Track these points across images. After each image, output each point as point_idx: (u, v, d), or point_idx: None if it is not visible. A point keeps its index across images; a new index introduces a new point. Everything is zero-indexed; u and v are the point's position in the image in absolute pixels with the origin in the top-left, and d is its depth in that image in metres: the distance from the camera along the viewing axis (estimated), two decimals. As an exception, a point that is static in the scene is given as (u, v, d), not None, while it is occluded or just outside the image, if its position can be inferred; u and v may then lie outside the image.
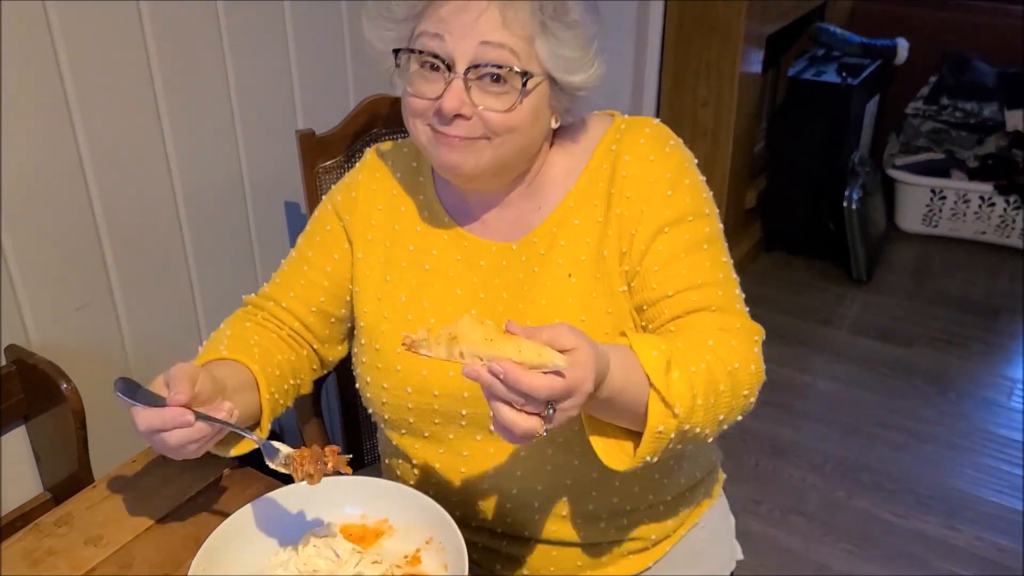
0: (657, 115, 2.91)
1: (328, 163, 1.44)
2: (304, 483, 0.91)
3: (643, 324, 1.04)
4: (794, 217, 3.30)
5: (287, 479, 1.08)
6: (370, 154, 1.18)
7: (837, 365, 2.78)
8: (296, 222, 1.78)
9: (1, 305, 1.30)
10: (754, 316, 1.05)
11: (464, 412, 1.05)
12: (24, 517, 1.32)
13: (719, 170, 2.89)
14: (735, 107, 2.80)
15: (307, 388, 1.18)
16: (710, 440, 0.97)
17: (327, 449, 0.92)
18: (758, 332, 1.04)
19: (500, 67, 0.93)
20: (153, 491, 1.10)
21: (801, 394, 2.62)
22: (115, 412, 1.49)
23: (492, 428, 0.79)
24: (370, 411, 1.14)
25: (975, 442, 2.44)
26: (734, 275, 1.06)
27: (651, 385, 0.86)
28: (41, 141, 1.30)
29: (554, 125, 1.03)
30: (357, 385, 1.14)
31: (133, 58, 1.40)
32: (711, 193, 1.07)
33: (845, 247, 3.16)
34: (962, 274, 3.29)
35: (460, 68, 0.93)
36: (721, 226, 1.07)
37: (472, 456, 1.07)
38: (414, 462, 1.11)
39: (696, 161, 1.07)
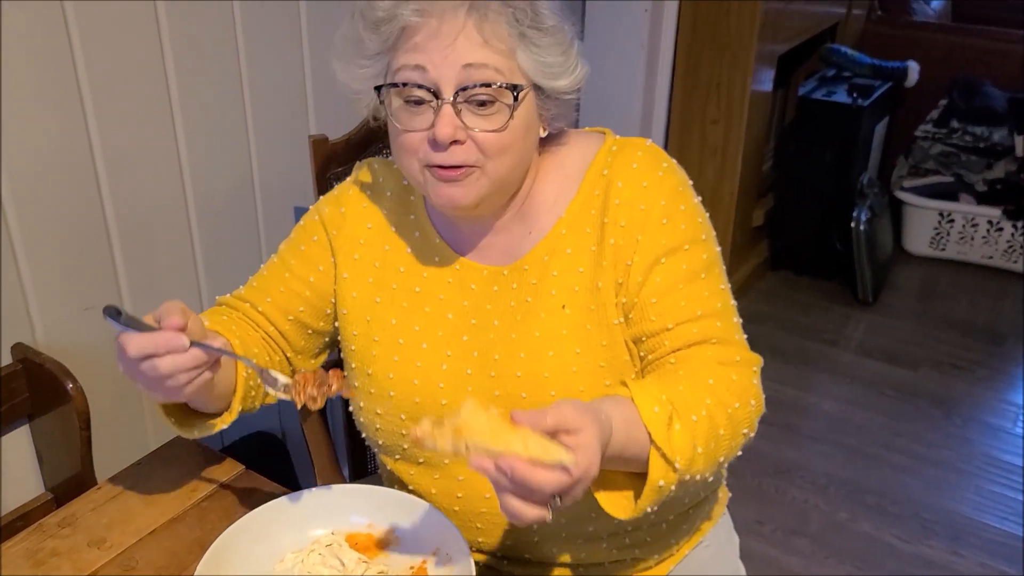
0: (667, 132, 2.91)
1: (340, 169, 1.44)
2: (311, 490, 0.90)
3: (642, 354, 1.02)
4: (801, 237, 3.29)
5: (294, 485, 1.08)
6: (361, 170, 1.15)
7: (842, 386, 2.76)
8: (305, 228, 1.78)
9: (8, 303, 1.30)
10: (760, 334, 1.03)
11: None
12: (25, 517, 1.31)
13: (727, 188, 2.89)
14: (745, 126, 2.81)
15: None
16: (709, 479, 0.96)
17: (331, 372, 0.91)
18: (756, 362, 1.03)
19: (488, 86, 0.91)
20: (158, 494, 1.09)
21: (805, 414, 2.60)
22: (119, 414, 1.49)
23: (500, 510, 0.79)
24: (363, 436, 1.12)
25: (979, 467, 2.42)
26: (732, 301, 1.04)
27: (652, 442, 0.87)
28: (55, 140, 1.30)
29: (543, 134, 1.01)
30: (350, 408, 1.12)
31: (148, 60, 1.40)
32: (707, 215, 1.05)
33: (852, 268, 3.15)
34: (968, 298, 3.28)
35: (448, 94, 0.91)
36: (718, 249, 1.04)
37: (468, 481, 1.05)
38: (410, 488, 1.09)
39: (691, 182, 1.05)
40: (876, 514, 2.25)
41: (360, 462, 1.53)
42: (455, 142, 0.92)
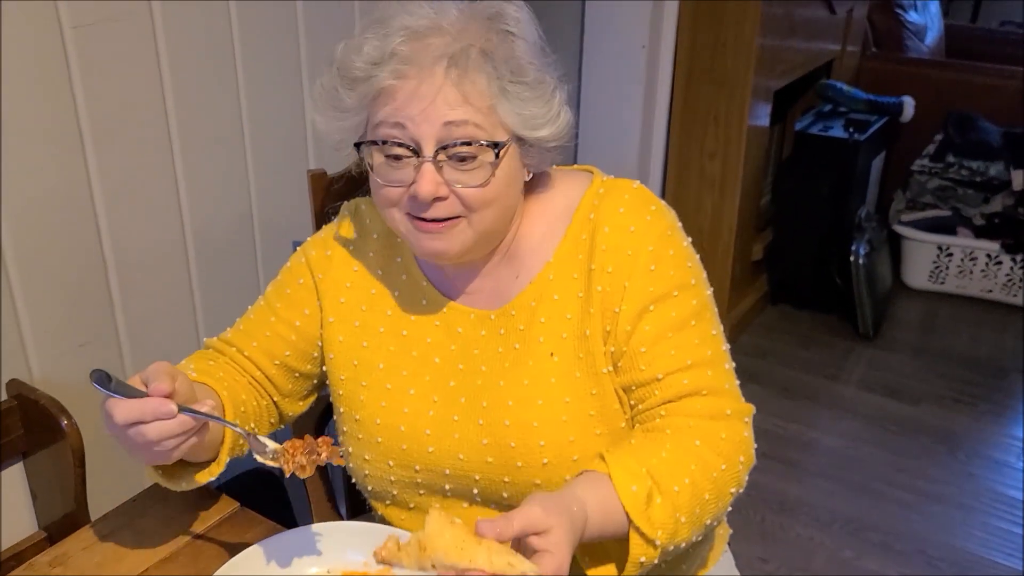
0: (665, 166, 2.93)
1: (339, 203, 1.43)
2: (308, 527, 0.89)
3: (632, 403, 1.01)
4: (801, 271, 3.29)
5: (290, 523, 1.06)
6: (348, 211, 1.13)
7: (844, 421, 2.74)
8: (304, 263, 1.77)
9: (4, 339, 1.28)
10: (761, 369, 1.02)
11: (448, 487, 1.03)
12: (17, 556, 1.29)
13: (726, 222, 2.90)
14: (743, 160, 2.82)
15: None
16: (699, 540, 0.97)
17: (320, 440, 0.90)
18: (747, 412, 1.01)
19: (469, 144, 0.90)
20: (152, 532, 1.07)
21: (808, 450, 2.58)
22: (114, 451, 1.46)
23: None
24: (353, 481, 1.11)
25: (984, 503, 2.39)
26: (724, 346, 1.02)
27: (631, 522, 0.88)
28: (54, 175, 1.30)
29: (527, 178, 1.00)
30: (341, 449, 1.09)
31: (148, 95, 1.40)
32: (697, 257, 1.03)
33: (852, 302, 3.14)
34: (969, 332, 3.27)
35: (428, 152, 0.90)
36: (709, 292, 1.03)
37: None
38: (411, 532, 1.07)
39: (679, 224, 1.03)
40: (881, 551, 2.22)
41: (357, 499, 1.51)
42: (437, 198, 0.91)
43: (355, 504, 1.50)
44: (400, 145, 0.91)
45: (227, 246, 1.61)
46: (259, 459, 0.91)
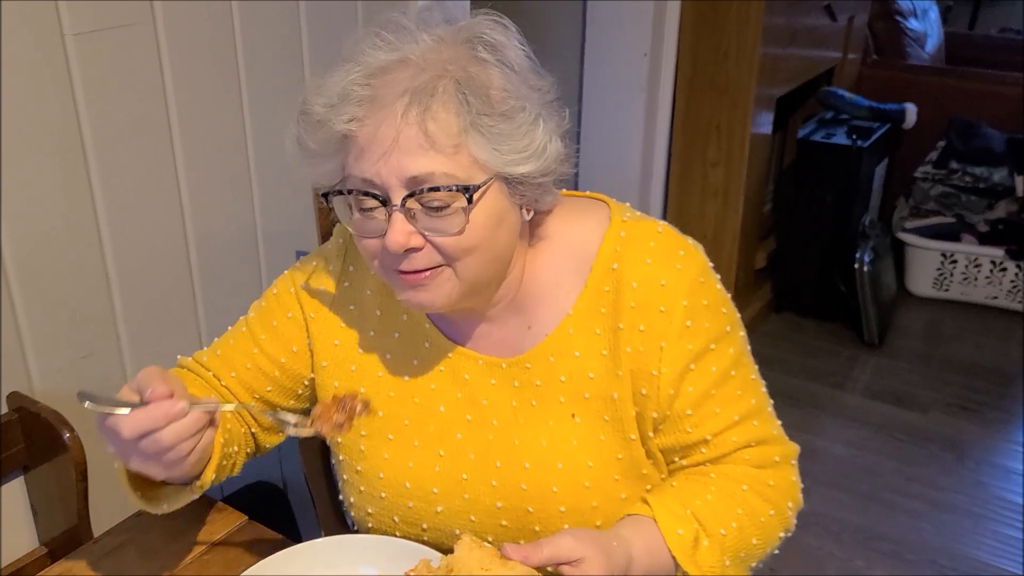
0: (667, 175, 2.91)
1: (345, 212, 1.42)
2: (316, 541, 0.87)
3: (674, 459, 0.97)
4: (804, 279, 3.27)
5: (296, 536, 1.04)
6: (342, 237, 1.03)
7: (851, 430, 2.72)
8: (308, 273, 1.76)
9: (5, 351, 1.26)
10: (766, 378, 1.00)
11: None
12: (18, 573, 1.26)
13: (730, 230, 2.89)
14: (746, 168, 2.81)
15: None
16: None
17: (347, 396, 0.86)
18: (794, 454, 1.00)
19: (437, 190, 0.81)
20: (158, 547, 1.05)
21: (815, 459, 2.56)
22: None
23: None
24: (355, 529, 1.06)
25: (995, 511, 2.37)
26: (763, 389, 0.98)
27: (678, 566, 0.86)
28: (55, 185, 1.28)
29: (527, 217, 0.90)
30: (340, 497, 1.06)
31: (151, 103, 1.39)
32: (728, 296, 0.97)
33: (856, 310, 3.13)
34: (975, 339, 3.25)
35: (396, 200, 0.81)
36: (743, 334, 0.97)
37: None
38: (423, 546, 1.02)
39: (711, 264, 0.96)
40: (892, 561, 2.20)
41: (365, 512, 1.49)
42: (411, 249, 0.83)
43: (362, 517, 1.48)
44: (366, 195, 0.83)
45: (230, 257, 1.59)
46: (287, 432, 0.87)
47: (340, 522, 1.33)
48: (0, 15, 1.16)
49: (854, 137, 3.13)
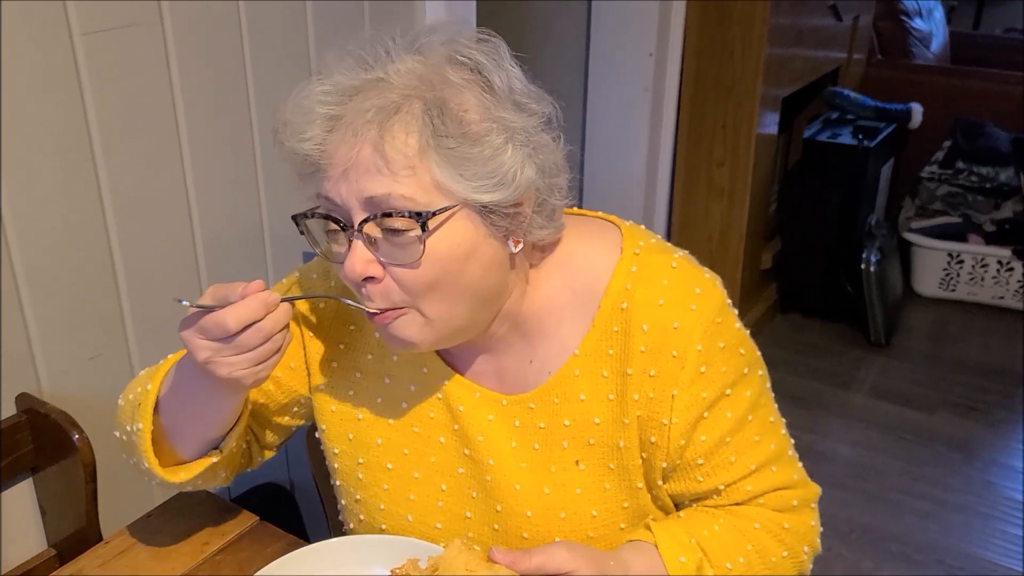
0: (672, 175, 2.91)
1: (353, 212, 1.41)
2: (328, 541, 0.86)
3: (685, 503, 0.94)
4: (810, 279, 3.27)
5: (303, 535, 1.03)
6: None
7: (858, 430, 2.71)
8: (315, 274, 1.75)
9: (13, 352, 1.26)
10: (772, 379, 0.94)
11: None
12: (27, 575, 1.26)
13: (735, 230, 2.88)
14: (751, 168, 2.81)
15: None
16: None
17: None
18: (814, 497, 0.94)
19: (389, 215, 0.75)
20: (169, 548, 1.05)
21: (823, 459, 2.55)
22: (126, 465, 1.44)
23: None
24: None
25: (1004, 512, 2.36)
26: (783, 431, 0.93)
27: None
28: (63, 186, 1.27)
29: (515, 250, 0.82)
30: (340, 517, 1.04)
31: (159, 103, 1.38)
32: (747, 334, 0.91)
33: (863, 310, 3.12)
34: (982, 339, 3.24)
35: (355, 222, 0.77)
36: (762, 372, 0.92)
37: None
38: (433, 544, 1.01)
39: (728, 301, 0.89)
40: (901, 562, 2.19)
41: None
42: (370, 278, 0.79)
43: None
44: (329, 217, 0.79)
45: (238, 257, 1.59)
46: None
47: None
48: (5, 15, 1.16)
49: (860, 137, 3.12)
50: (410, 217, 0.75)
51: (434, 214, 0.76)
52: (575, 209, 0.93)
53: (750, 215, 2.88)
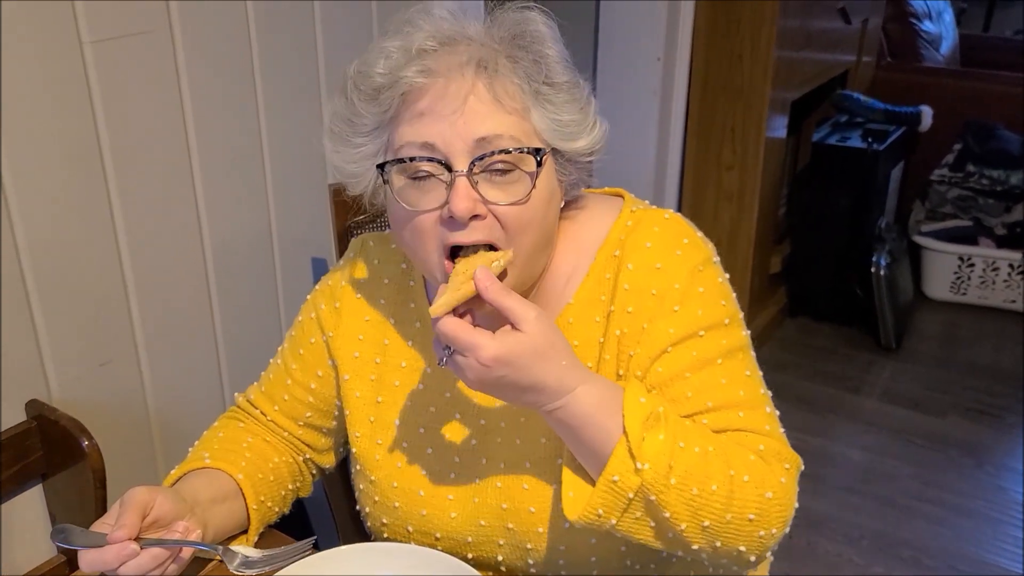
0: (681, 179, 2.90)
1: (360, 217, 1.41)
2: (338, 548, 0.86)
3: None
4: (820, 283, 3.25)
5: (314, 545, 1.03)
6: (354, 251, 1.06)
7: (868, 435, 2.70)
8: (323, 279, 1.76)
9: (24, 359, 1.27)
10: (782, 383, 0.93)
11: (470, 556, 0.98)
12: (37, 581, 1.26)
13: (744, 234, 2.87)
14: (760, 171, 2.80)
15: (307, 492, 1.11)
16: (694, 548, 0.82)
17: None
18: (791, 460, 0.87)
19: (507, 152, 0.81)
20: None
21: (833, 464, 2.54)
22: (135, 472, 1.45)
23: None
24: (372, 537, 1.06)
25: (1015, 516, 2.35)
26: (763, 391, 0.90)
27: (624, 431, 0.78)
28: (73, 193, 1.28)
29: (563, 200, 0.91)
30: (357, 508, 1.06)
31: (167, 111, 1.39)
32: (733, 295, 0.92)
33: (873, 314, 3.11)
34: (993, 343, 3.22)
35: (462, 166, 0.80)
36: (746, 334, 0.92)
37: None
38: (440, 552, 1.03)
39: (716, 258, 0.93)
40: (912, 567, 2.17)
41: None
42: (475, 216, 0.81)
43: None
44: (430, 161, 0.81)
45: (246, 263, 1.59)
46: (231, 569, 0.91)
47: (359, 530, 1.32)
48: (14, 23, 1.16)
49: (869, 140, 3.11)
50: (527, 153, 0.81)
51: (544, 152, 0.83)
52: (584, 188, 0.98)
53: (759, 219, 2.87)
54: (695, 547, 0.82)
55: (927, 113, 3.34)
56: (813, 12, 2.90)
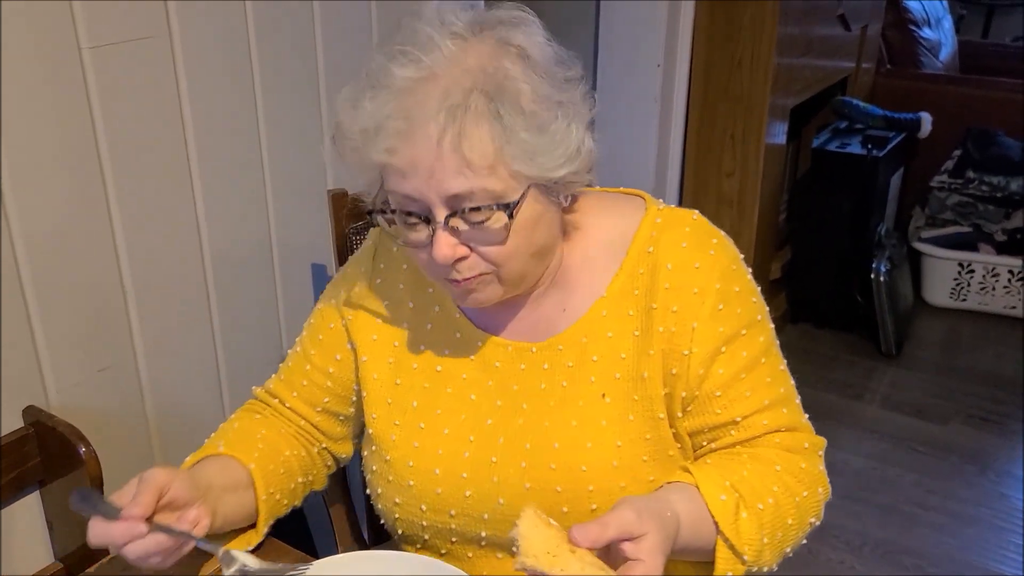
0: (681, 185, 2.90)
1: (359, 223, 1.41)
2: (340, 558, 0.85)
3: (702, 443, 0.98)
4: (820, 289, 3.25)
5: (312, 553, 1.02)
6: (373, 241, 1.09)
7: (870, 442, 2.69)
8: (323, 285, 1.74)
9: (21, 365, 1.26)
10: None
11: (484, 534, 0.98)
12: (34, 590, 1.25)
13: (745, 240, 2.87)
14: (760, 178, 2.80)
15: (321, 484, 1.12)
16: (775, 571, 0.94)
17: None
18: (821, 445, 1.00)
19: (478, 209, 0.83)
20: (177, 564, 1.03)
21: (834, 471, 2.47)
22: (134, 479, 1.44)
23: None
24: (382, 522, 1.07)
25: (1018, 524, 2.34)
26: (791, 382, 1.00)
27: (719, 532, 0.85)
28: (71, 199, 1.27)
29: (565, 204, 0.92)
30: (367, 491, 1.07)
31: (166, 116, 1.38)
32: (759, 289, 0.99)
33: (873, 320, 3.10)
34: (993, 349, 3.22)
35: (440, 218, 0.84)
36: (772, 326, 0.99)
37: None
38: (440, 560, 1.03)
39: (741, 256, 0.99)
40: (915, 575, 2.16)
41: (381, 528, 1.47)
42: (459, 259, 0.87)
43: (378, 533, 1.46)
44: (410, 213, 0.86)
45: (246, 270, 1.58)
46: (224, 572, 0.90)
47: (358, 539, 1.31)
48: (13, 28, 1.16)
49: (869, 147, 3.11)
50: (497, 209, 0.83)
51: (517, 202, 0.84)
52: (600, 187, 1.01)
53: (759, 225, 2.86)
54: (776, 568, 0.93)
55: (927, 119, 3.34)
56: (813, 19, 2.90)
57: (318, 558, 0.97)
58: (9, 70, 1.16)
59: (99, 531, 0.83)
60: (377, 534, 1.46)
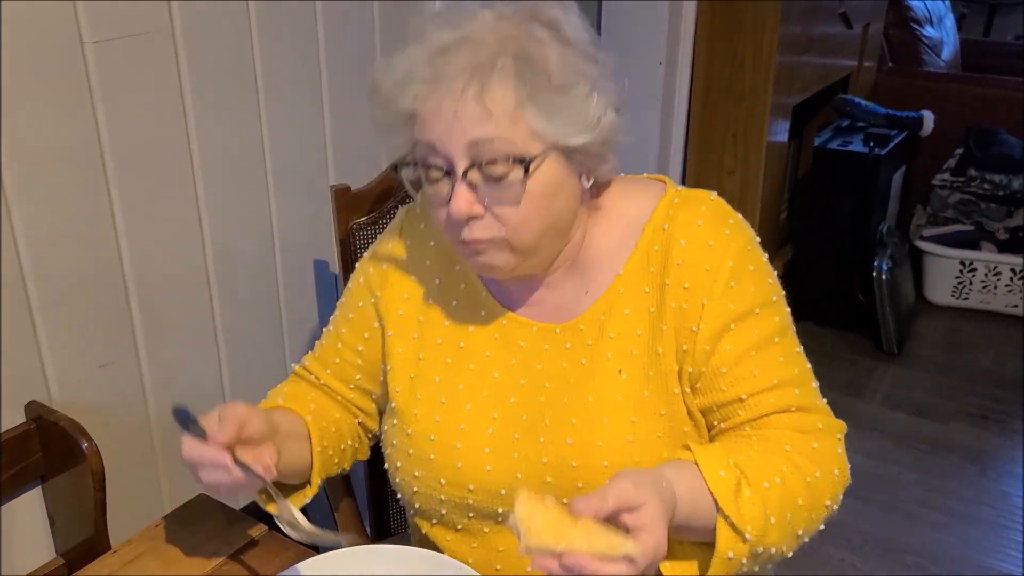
0: (683, 183, 2.90)
1: (362, 219, 1.41)
2: (339, 551, 0.85)
3: (713, 423, 0.97)
4: (822, 288, 3.25)
5: (316, 547, 1.02)
6: (402, 218, 1.11)
7: (871, 440, 2.69)
8: (325, 281, 1.75)
9: (24, 360, 1.26)
10: None
11: (501, 510, 0.98)
12: (36, 584, 1.25)
13: (746, 239, 2.86)
14: (761, 176, 2.79)
15: (364, 454, 1.15)
16: (789, 555, 0.91)
17: None
18: (840, 429, 0.98)
19: (495, 161, 0.85)
20: (179, 558, 1.04)
21: (835, 469, 2.53)
22: (135, 474, 1.44)
23: None
24: (399, 496, 1.07)
25: (1019, 522, 2.33)
26: (808, 365, 0.99)
27: (719, 509, 0.84)
28: (74, 196, 1.28)
29: (587, 185, 0.94)
30: (386, 466, 1.08)
31: (169, 113, 1.39)
32: (776, 274, 0.98)
33: (875, 319, 3.10)
34: (995, 348, 3.21)
35: (459, 170, 0.87)
36: (789, 311, 0.99)
37: (509, 551, 0.99)
38: (445, 555, 1.03)
39: (758, 239, 0.98)
40: (915, 573, 2.16)
41: (383, 521, 1.48)
42: (473, 217, 0.88)
43: (381, 526, 1.46)
44: (434, 165, 0.89)
45: (248, 266, 1.58)
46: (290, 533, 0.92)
47: (360, 532, 1.32)
48: (15, 23, 1.16)
49: (871, 145, 3.10)
50: (514, 163, 0.85)
51: (533, 158, 0.86)
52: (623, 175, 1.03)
53: (761, 224, 2.86)
54: (789, 554, 0.90)
55: (928, 118, 3.34)
56: (815, 17, 2.89)
57: (319, 552, 0.97)
58: (11, 65, 1.16)
59: (191, 449, 0.87)
60: (380, 531, 1.46)
